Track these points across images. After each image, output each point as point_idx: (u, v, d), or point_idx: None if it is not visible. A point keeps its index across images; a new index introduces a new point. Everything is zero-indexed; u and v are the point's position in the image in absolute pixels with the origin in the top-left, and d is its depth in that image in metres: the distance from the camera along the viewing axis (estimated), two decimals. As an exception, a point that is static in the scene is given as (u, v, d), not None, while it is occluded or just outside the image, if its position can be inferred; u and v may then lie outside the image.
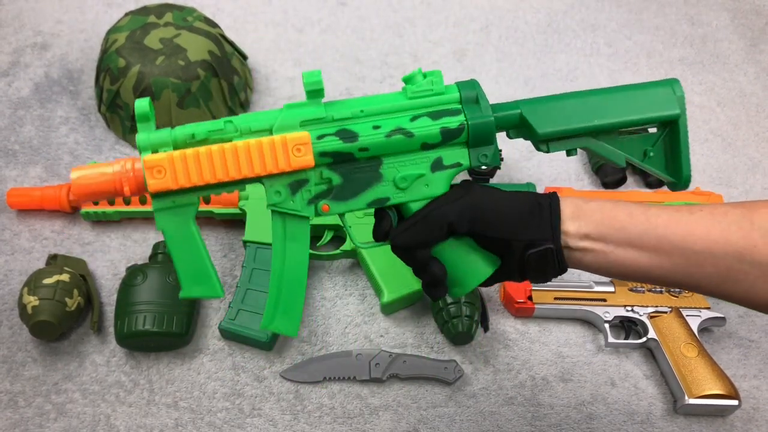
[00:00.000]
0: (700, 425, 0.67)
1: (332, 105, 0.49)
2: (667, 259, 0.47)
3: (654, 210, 0.48)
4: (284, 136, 0.47)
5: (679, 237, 0.47)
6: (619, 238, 0.48)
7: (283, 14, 1.07)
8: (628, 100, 0.51)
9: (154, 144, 0.47)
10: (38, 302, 0.65)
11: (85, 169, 0.47)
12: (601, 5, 1.12)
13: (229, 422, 0.65)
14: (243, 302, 0.70)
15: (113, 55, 0.82)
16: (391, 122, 0.49)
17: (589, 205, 0.49)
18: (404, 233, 0.49)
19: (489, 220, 0.48)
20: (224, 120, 0.48)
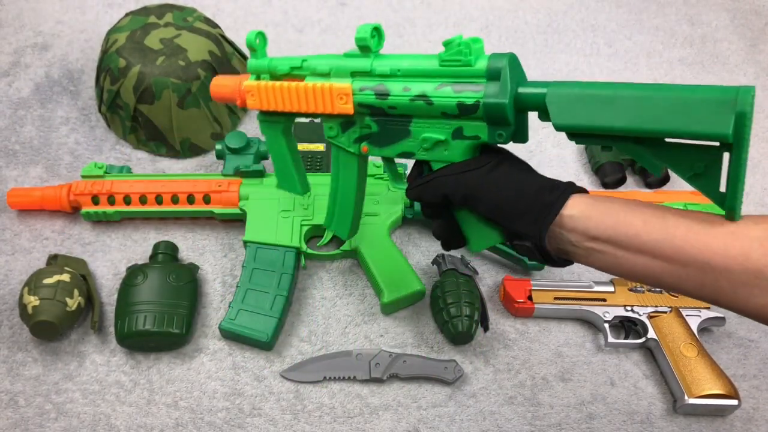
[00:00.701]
0: (699, 425, 0.67)
1: (379, 59, 0.54)
2: (682, 270, 0.45)
3: (672, 220, 0.46)
4: (331, 85, 0.55)
5: (697, 250, 0.44)
6: (631, 245, 0.46)
7: (283, 14, 1.07)
8: (673, 104, 0.41)
9: (257, 69, 0.60)
10: (39, 302, 0.65)
11: (221, 79, 0.63)
12: (600, 5, 1.12)
13: (229, 422, 0.65)
14: (243, 302, 0.70)
15: (114, 56, 0.82)
16: (419, 86, 0.51)
17: (603, 205, 0.47)
18: (412, 189, 0.55)
19: (480, 202, 0.49)
20: (302, 58, 0.58)
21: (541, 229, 0.47)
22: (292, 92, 0.57)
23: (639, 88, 0.43)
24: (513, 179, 0.49)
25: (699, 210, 0.79)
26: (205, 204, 0.77)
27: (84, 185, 0.76)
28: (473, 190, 0.50)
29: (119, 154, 0.86)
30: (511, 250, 0.76)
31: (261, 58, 0.59)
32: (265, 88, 0.58)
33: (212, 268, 0.76)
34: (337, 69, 0.55)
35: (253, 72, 0.60)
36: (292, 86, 0.57)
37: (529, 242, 0.48)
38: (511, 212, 0.48)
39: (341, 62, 0.55)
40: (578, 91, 0.44)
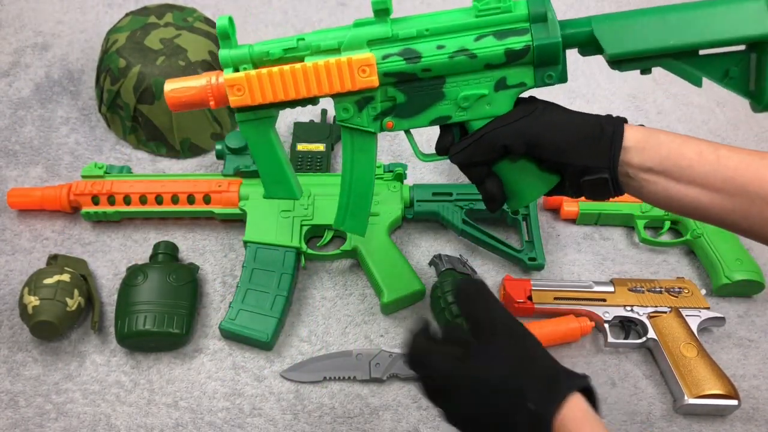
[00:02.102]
0: (699, 425, 0.67)
1: (399, 22, 0.49)
2: (729, 201, 0.47)
3: (724, 151, 0.48)
4: (350, 58, 0.49)
5: (747, 180, 0.47)
6: (683, 176, 0.48)
7: (283, 15, 1.07)
8: (713, 17, 0.46)
9: (235, 61, 0.50)
10: (39, 302, 0.65)
11: (176, 83, 0.52)
12: (600, 5, 1.12)
13: (229, 422, 0.65)
14: (243, 302, 0.70)
15: (114, 56, 0.82)
16: (456, 42, 0.48)
17: (657, 137, 0.48)
18: (461, 152, 0.51)
19: (544, 145, 0.48)
20: (297, 37, 0.50)
21: (613, 158, 0.48)
22: (298, 76, 0.49)
23: (679, 9, 0.47)
24: (569, 118, 0.49)
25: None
26: (205, 204, 0.77)
27: (84, 185, 0.76)
28: (535, 136, 0.48)
29: (119, 154, 0.86)
30: (510, 250, 0.76)
31: (237, 47, 0.50)
32: (259, 78, 0.49)
33: (212, 268, 0.76)
34: (351, 41, 0.49)
35: (230, 64, 0.50)
36: (298, 69, 0.49)
37: (604, 174, 0.48)
38: (578, 149, 0.48)
39: (353, 33, 0.49)
40: (624, 21, 0.48)
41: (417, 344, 0.47)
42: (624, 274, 0.78)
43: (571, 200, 0.81)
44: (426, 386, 0.46)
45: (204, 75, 0.52)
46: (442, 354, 0.45)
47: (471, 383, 0.43)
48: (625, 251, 0.80)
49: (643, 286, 0.73)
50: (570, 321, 0.70)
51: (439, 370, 0.45)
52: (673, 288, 0.73)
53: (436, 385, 0.46)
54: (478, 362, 0.44)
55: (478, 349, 0.44)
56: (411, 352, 0.47)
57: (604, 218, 0.81)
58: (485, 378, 0.43)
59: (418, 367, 0.46)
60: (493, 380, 0.43)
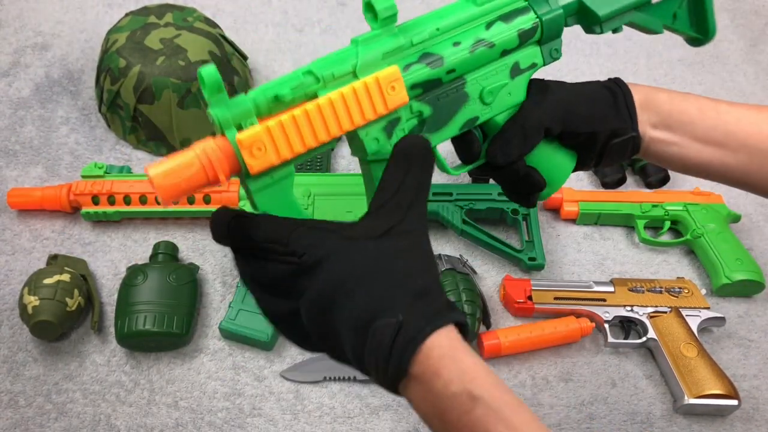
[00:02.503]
0: (699, 425, 0.67)
1: (405, 29, 0.45)
2: (731, 156, 0.48)
3: (725, 106, 0.48)
4: (376, 76, 0.42)
5: (747, 134, 0.47)
6: (685, 131, 0.48)
7: (283, 14, 1.07)
8: None
9: (236, 117, 0.39)
10: (39, 302, 0.65)
11: (163, 165, 0.37)
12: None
13: (229, 422, 0.65)
14: (243, 302, 0.70)
15: (114, 56, 0.82)
16: (469, 35, 0.46)
17: (658, 96, 0.49)
18: (505, 148, 0.47)
19: (576, 117, 0.48)
20: (302, 71, 0.41)
21: (633, 116, 0.48)
22: (326, 112, 0.40)
23: None
24: (582, 88, 0.49)
25: (703, 207, 0.80)
26: (205, 204, 0.77)
27: (84, 185, 0.76)
28: (569, 112, 0.48)
29: (119, 154, 0.86)
30: (510, 250, 0.76)
31: (233, 101, 0.40)
32: (283, 128, 0.39)
33: (212, 268, 0.76)
34: (366, 59, 0.42)
35: (231, 123, 0.39)
36: (325, 104, 0.40)
37: (631, 133, 0.48)
38: (605, 115, 0.48)
39: (364, 50, 0.43)
40: None
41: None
42: (624, 274, 0.78)
43: (572, 200, 0.81)
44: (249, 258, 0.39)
45: (193, 147, 0.39)
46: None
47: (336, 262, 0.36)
48: (625, 251, 0.80)
49: (644, 286, 0.73)
50: (570, 322, 0.70)
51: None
52: (673, 288, 0.73)
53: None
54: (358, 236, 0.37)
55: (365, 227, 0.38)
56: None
57: (604, 218, 0.81)
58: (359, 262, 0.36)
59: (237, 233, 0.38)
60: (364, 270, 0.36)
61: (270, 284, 0.38)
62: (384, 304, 0.35)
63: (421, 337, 0.34)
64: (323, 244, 0.37)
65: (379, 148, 0.44)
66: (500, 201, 0.79)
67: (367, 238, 0.37)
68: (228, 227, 0.38)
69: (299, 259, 0.37)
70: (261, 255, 0.38)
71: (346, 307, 0.36)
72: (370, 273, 0.36)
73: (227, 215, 0.39)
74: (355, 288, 0.36)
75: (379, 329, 0.34)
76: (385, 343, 0.34)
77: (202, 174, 0.38)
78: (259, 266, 0.38)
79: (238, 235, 0.38)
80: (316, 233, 0.37)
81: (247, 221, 0.38)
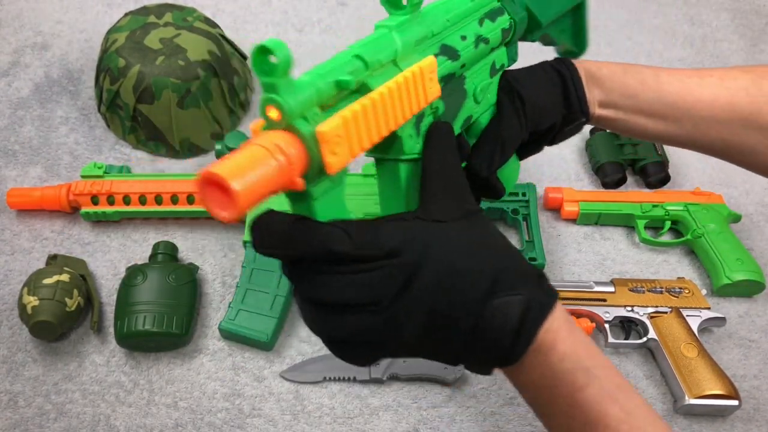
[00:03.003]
0: (700, 425, 0.67)
1: (424, 16, 0.41)
2: (676, 126, 0.48)
3: (665, 76, 0.49)
4: (420, 66, 0.38)
5: (689, 104, 0.47)
6: (628, 105, 0.49)
7: (283, 14, 1.07)
8: None
9: (302, 107, 0.32)
10: (38, 302, 0.65)
11: (233, 165, 0.29)
12: (601, 5, 1.12)
13: (228, 422, 0.65)
14: (243, 302, 0.70)
15: (113, 55, 0.82)
16: (470, 30, 0.44)
17: (601, 71, 0.49)
18: (489, 161, 0.45)
19: (540, 116, 0.47)
20: (351, 54, 0.36)
21: (582, 98, 0.48)
22: (387, 104, 0.36)
23: None
24: (539, 82, 0.49)
25: (703, 207, 0.80)
26: (204, 204, 0.77)
27: (83, 185, 0.76)
28: (532, 113, 0.47)
29: (119, 154, 0.85)
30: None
31: (298, 84, 0.33)
32: (356, 120, 0.34)
33: (212, 269, 0.76)
34: (405, 47, 0.38)
35: (298, 114, 0.32)
36: (386, 94, 0.36)
37: (582, 118, 0.48)
38: (557, 103, 0.48)
39: (400, 37, 0.38)
40: None
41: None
42: (624, 274, 0.78)
43: (572, 200, 0.81)
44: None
45: (258, 140, 0.31)
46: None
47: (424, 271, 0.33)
48: (626, 251, 0.80)
49: (644, 286, 0.73)
50: None
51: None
52: (673, 288, 0.73)
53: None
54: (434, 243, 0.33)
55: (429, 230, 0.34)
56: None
57: (605, 218, 0.81)
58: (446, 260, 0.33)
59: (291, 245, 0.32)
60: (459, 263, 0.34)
61: (356, 298, 0.32)
62: (499, 283, 0.34)
63: (546, 310, 0.35)
64: (419, 236, 0.33)
65: (413, 146, 0.40)
66: (500, 201, 0.79)
67: (453, 220, 0.35)
68: (287, 235, 0.31)
69: (399, 260, 0.32)
70: (344, 267, 0.32)
71: (461, 293, 0.33)
72: (474, 253, 0.34)
73: (284, 220, 0.32)
74: (465, 270, 0.34)
75: (502, 306, 0.33)
76: (514, 318, 0.33)
77: (278, 176, 0.31)
78: (339, 281, 0.32)
79: (307, 244, 0.31)
80: (403, 226, 0.34)
81: (319, 227, 0.32)
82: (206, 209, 0.29)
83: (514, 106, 0.47)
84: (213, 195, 0.29)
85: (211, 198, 0.29)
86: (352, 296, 0.32)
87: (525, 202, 0.80)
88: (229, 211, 0.29)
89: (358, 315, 0.32)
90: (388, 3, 0.39)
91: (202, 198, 0.29)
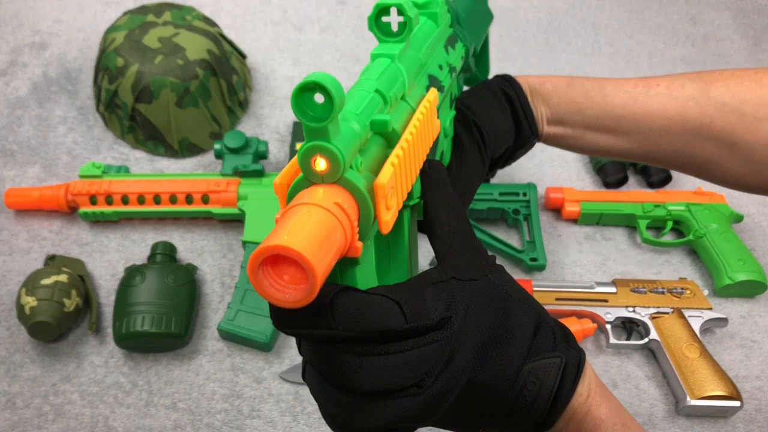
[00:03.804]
0: (702, 426, 0.66)
1: (411, 44, 0.38)
2: (626, 139, 0.47)
3: (610, 88, 0.46)
4: (428, 100, 0.36)
5: (636, 116, 0.45)
6: (576, 120, 0.47)
7: (282, 13, 1.06)
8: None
9: (348, 155, 0.27)
10: (36, 303, 0.64)
11: (321, 250, 0.24)
12: (602, 4, 1.12)
13: (228, 423, 0.64)
14: (242, 303, 0.69)
15: (112, 55, 0.82)
16: (442, 58, 0.41)
17: (545, 87, 0.48)
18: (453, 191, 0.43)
19: (496, 145, 0.46)
20: (372, 89, 0.32)
21: (530, 119, 0.47)
22: (416, 143, 0.33)
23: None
24: (490, 109, 0.47)
25: (705, 207, 0.79)
26: (203, 204, 0.76)
27: (82, 185, 0.76)
28: (488, 129, 0.45)
29: (117, 153, 0.85)
30: (512, 251, 0.76)
31: (347, 127, 0.29)
32: (402, 166, 0.31)
33: (211, 269, 0.76)
34: (408, 78, 0.36)
35: (345, 162, 0.27)
36: (415, 132, 0.33)
37: (533, 141, 0.47)
38: (509, 129, 0.47)
39: (404, 68, 0.35)
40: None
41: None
42: (626, 274, 0.78)
43: (573, 200, 0.81)
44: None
45: (314, 199, 0.26)
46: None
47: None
48: (627, 251, 0.80)
49: (645, 286, 0.73)
50: (572, 323, 0.70)
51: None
52: (675, 288, 0.72)
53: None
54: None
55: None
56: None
57: (606, 218, 0.81)
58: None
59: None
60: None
61: (401, 381, 0.27)
62: (536, 343, 0.32)
63: (580, 372, 0.32)
64: (459, 299, 0.30)
65: (417, 189, 0.35)
66: (501, 201, 0.78)
67: (483, 277, 0.32)
68: (334, 312, 0.26)
69: (450, 330, 0.29)
70: (392, 346, 0.27)
71: (500, 360, 0.31)
72: (509, 314, 0.32)
73: (326, 292, 0.26)
74: (503, 335, 0.31)
75: (538, 371, 0.31)
76: (549, 383, 0.31)
77: (342, 241, 0.26)
78: (383, 363, 0.27)
79: (360, 322, 0.26)
80: (446, 290, 0.30)
81: (371, 301, 0.27)
82: (262, 294, 0.24)
83: (473, 140, 0.44)
84: (274, 273, 0.23)
85: (268, 277, 0.23)
86: (398, 379, 0.27)
87: (526, 202, 0.79)
88: (301, 294, 0.23)
89: (398, 401, 0.28)
90: (378, 29, 0.36)
91: (255, 280, 0.23)
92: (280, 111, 0.92)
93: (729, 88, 0.44)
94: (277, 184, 0.28)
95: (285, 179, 0.28)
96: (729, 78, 0.45)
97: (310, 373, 0.29)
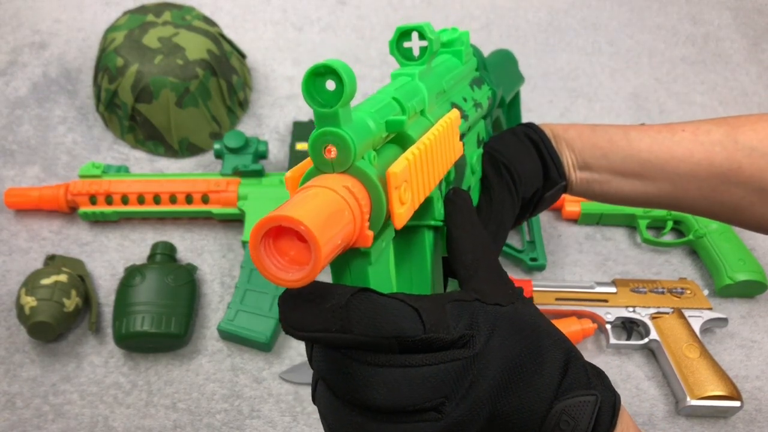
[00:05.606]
0: (702, 426, 0.66)
1: (433, 71, 0.37)
2: (652, 185, 0.46)
3: (635, 133, 0.46)
4: (450, 117, 0.35)
5: (662, 161, 0.45)
6: (601, 166, 0.46)
7: (282, 13, 1.06)
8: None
9: (361, 145, 0.27)
10: (36, 303, 0.64)
11: (326, 225, 0.23)
12: (602, 4, 1.11)
13: (227, 424, 0.64)
14: (242, 303, 0.69)
15: (111, 54, 0.82)
16: (467, 92, 0.41)
17: (568, 133, 0.47)
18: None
19: (524, 185, 0.45)
20: (390, 96, 0.32)
21: (557, 163, 0.46)
22: (437, 148, 0.32)
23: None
24: (517, 154, 0.46)
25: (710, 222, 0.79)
26: (203, 204, 0.76)
27: (81, 185, 0.76)
28: (517, 169, 0.44)
29: (117, 153, 0.85)
30: (512, 251, 0.76)
31: (355, 118, 0.27)
32: (421, 163, 0.30)
33: (210, 269, 0.75)
34: (429, 96, 0.35)
35: (357, 155, 0.26)
36: (439, 137, 0.32)
37: (562, 182, 0.46)
38: (537, 172, 0.46)
39: (424, 86, 0.35)
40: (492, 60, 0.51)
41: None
42: (626, 274, 0.78)
43: (573, 200, 0.80)
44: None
45: (322, 182, 0.25)
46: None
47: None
48: (627, 251, 0.80)
49: (646, 286, 0.73)
50: (572, 323, 0.70)
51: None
52: (675, 289, 0.72)
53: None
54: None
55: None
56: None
57: (606, 218, 0.81)
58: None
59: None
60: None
61: (419, 399, 0.25)
62: (568, 379, 0.30)
63: (617, 414, 0.30)
64: (482, 321, 0.28)
65: (440, 210, 0.34)
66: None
67: (509, 305, 0.30)
68: (350, 314, 0.24)
69: (471, 350, 0.27)
70: (410, 357, 0.25)
71: (528, 393, 0.29)
72: (539, 347, 0.29)
73: (342, 292, 0.25)
74: (532, 366, 0.29)
75: (571, 409, 0.29)
76: (584, 424, 0.29)
77: (351, 230, 0.25)
78: (401, 375, 0.25)
79: (374, 327, 0.25)
80: (468, 308, 0.28)
81: (387, 303, 0.25)
82: (262, 271, 0.23)
83: (502, 180, 0.43)
84: (276, 250, 0.23)
85: (270, 254, 0.22)
86: (415, 397, 0.25)
87: (526, 202, 0.79)
88: (303, 271, 0.22)
89: (415, 425, 0.26)
90: (400, 53, 0.35)
91: (255, 255, 0.22)
92: (280, 111, 0.92)
93: (757, 132, 0.44)
94: (288, 177, 0.27)
95: (297, 173, 0.27)
96: (756, 122, 0.45)
97: (322, 391, 0.27)
